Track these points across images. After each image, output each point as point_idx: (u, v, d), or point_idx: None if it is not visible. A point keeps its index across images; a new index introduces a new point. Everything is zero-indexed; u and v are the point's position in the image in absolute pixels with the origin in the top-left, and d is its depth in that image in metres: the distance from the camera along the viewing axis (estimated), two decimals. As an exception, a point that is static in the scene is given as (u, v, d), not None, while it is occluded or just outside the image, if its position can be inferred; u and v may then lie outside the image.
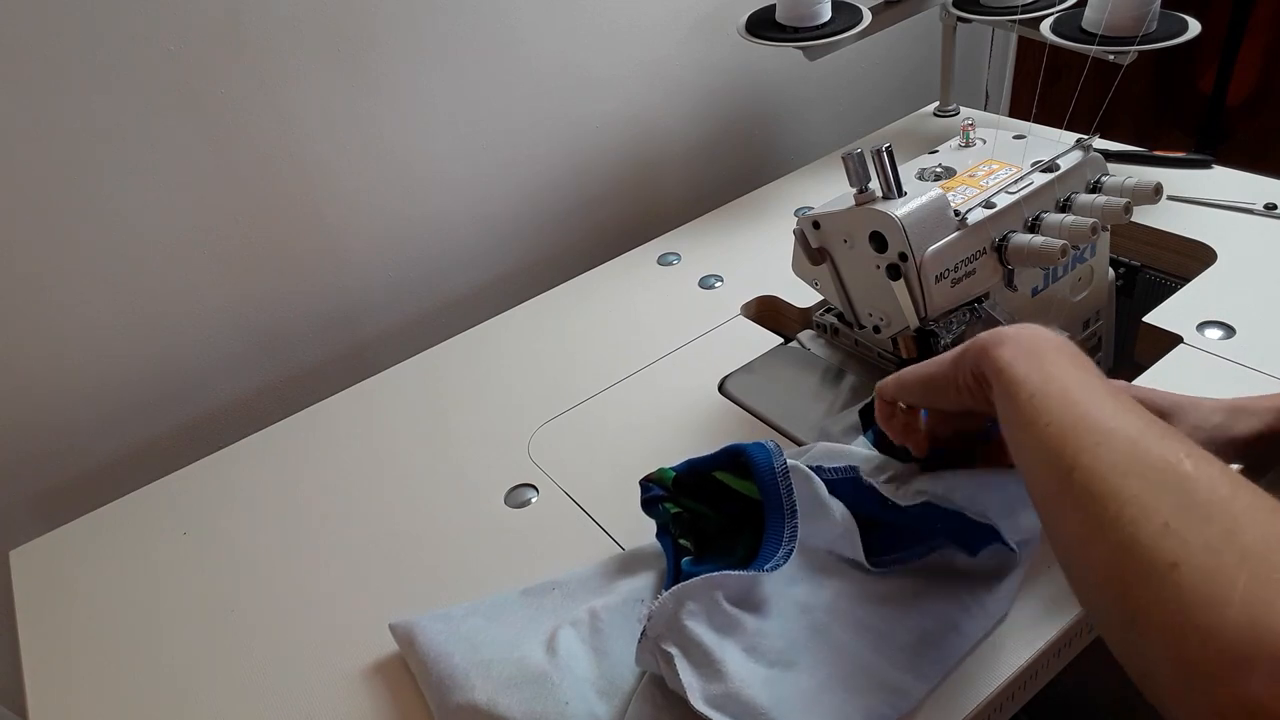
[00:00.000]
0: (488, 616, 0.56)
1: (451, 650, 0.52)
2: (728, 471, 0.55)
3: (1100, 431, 0.37)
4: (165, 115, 0.78)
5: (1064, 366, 0.42)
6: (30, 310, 0.79)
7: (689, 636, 0.47)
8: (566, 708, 0.47)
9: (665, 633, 0.48)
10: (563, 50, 0.99)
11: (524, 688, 0.49)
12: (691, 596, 0.48)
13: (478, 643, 0.53)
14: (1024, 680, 0.52)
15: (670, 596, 0.48)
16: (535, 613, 0.56)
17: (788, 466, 0.52)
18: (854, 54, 1.25)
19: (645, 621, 0.48)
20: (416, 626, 0.55)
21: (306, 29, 0.82)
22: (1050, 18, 0.93)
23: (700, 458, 0.56)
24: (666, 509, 0.56)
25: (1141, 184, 0.62)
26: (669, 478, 0.56)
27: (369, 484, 0.73)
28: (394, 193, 0.95)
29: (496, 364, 0.84)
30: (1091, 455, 0.36)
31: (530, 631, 0.54)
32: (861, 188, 0.61)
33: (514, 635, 0.53)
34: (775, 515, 0.51)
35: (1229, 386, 0.66)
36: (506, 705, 0.48)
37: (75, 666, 0.61)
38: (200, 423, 0.92)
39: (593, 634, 0.52)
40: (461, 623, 0.55)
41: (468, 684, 0.50)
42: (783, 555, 0.50)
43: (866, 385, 0.74)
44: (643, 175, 1.14)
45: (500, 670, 0.50)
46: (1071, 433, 0.38)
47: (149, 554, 0.69)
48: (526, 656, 0.51)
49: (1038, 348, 0.43)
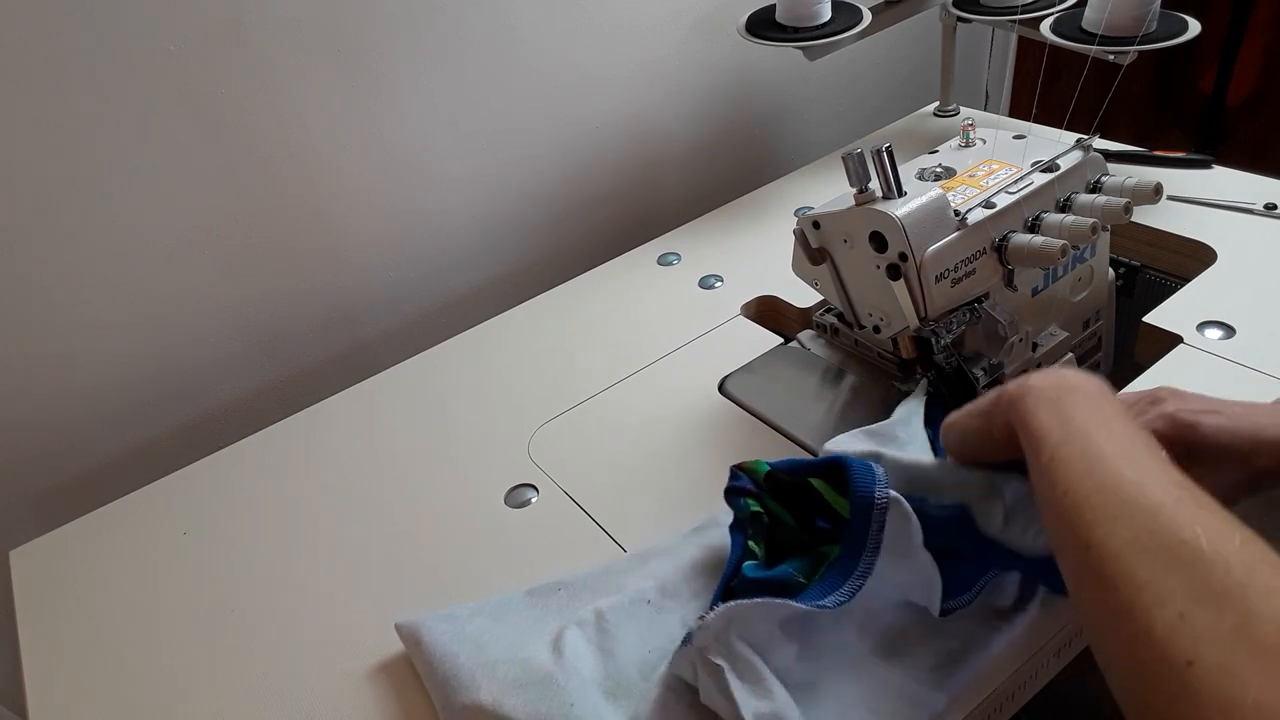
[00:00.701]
0: (493, 617, 0.55)
1: (457, 650, 0.52)
2: (825, 480, 0.52)
3: (1117, 502, 0.36)
4: (165, 115, 0.78)
5: (1089, 415, 0.41)
6: (30, 310, 0.79)
7: (736, 651, 0.46)
8: (571, 709, 0.47)
9: (712, 644, 0.46)
10: (563, 50, 0.99)
11: (529, 689, 0.48)
12: (743, 619, 0.47)
13: (483, 643, 0.53)
14: (1024, 680, 0.52)
15: (722, 615, 0.46)
16: (541, 613, 0.55)
17: (889, 498, 0.48)
18: (854, 54, 1.25)
19: (694, 630, 0.47)
20: (422, 626, 0.55)
21: (306, 29, 0.82)
22: (1050, 18, 0.93)
23: (801, 460, 0.54)
24: (748, 504, 0.54)
25: (1141, 184, 0.62)
26: (761, 471, 0.54)
27: (369, 484, 0.73)
28: (394, 192, 0.95)
29: (496, 364, 0.84)
30: (1107, 531, 0.35)
31: (536, 632, 0.53)
32: (861, 188, 0.61)
33: (519, 636, 0.53)
34: (856, 545, 0.48)
35: (1229, 387, 0.66)
36: (511, 706, 0.48)
37: (75, 666, 0.61)
38: (200, 423, 0.92)
39: (599, 634, 0.52)
40: (467, 623, 0.55)
41: (473, 684, 0.49)
42: (848, 591, 0.47)
43: (867, 385, 0.74)
44: (643, 175, 1.14)
45: (506, 671, 0.50)
46: (1088, 504, 0.37)
47: (149, 554, 0.69)
48: (532, 657, 0.50)
49: (1063, 395, 0.42)
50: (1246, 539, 0.34)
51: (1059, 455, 0.40)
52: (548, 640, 0.52)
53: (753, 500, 0.54)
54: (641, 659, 0.51)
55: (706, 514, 0.61)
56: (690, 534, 0.60)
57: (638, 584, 0.55)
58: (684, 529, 0.61)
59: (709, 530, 0.59)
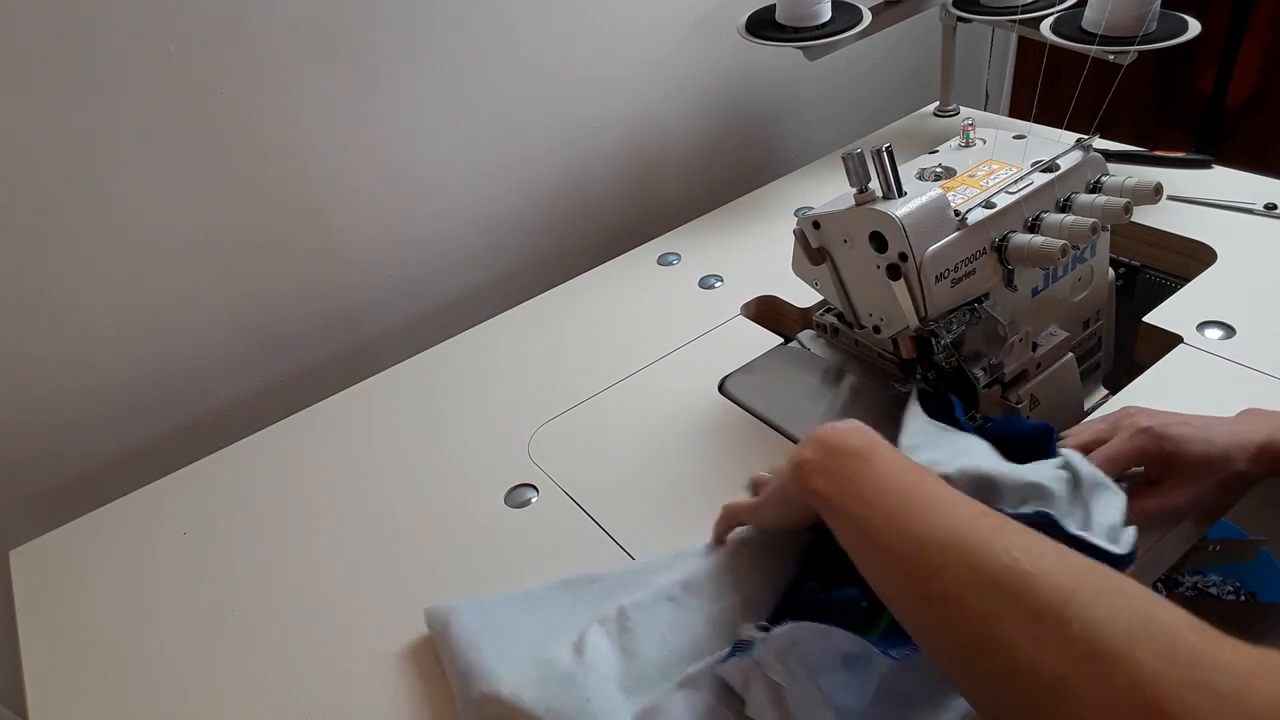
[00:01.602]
0: (524, 608, 0.56)
1: (482, 643, 0.53)
2: None
3: (937, 550, 0.38)
4: (165, 115, 0.78)
5: (872, 477, 0.42)
6: (30, 310, 0.79)
7: (795, 674, 0.46)
8: (588, 704, 0.48)
9: (772, 661, 0.46)
10: (563, 50, 0.99)
11: (548, 684, 0.49)
12: (808, 642, 0.46)
13: (510, 636, 0.54)
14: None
15: (788, 634, 0.45)
16: (572, 606, 0.56)
17: None
18: (854, 54, 1.25)
19: (755, 640, 0.46)
20: (453, 613, 0.56)
21: (306, 29, 0.82)
22: (1050, 18, 0.93)
23: None
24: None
25: (1141, 184, 0.62)
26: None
27: (369, 484, 0.73)
28: (394, 192, 0.95)
29: (496, 364, 0.84)
30: (940, 580, 0.37)
31: (564, 629, 0.54)
32: (861, 188, 0.61)
33: (546, 629, 0.54)
34: None
35: (1229, 387, 0.66)
36: (531, 700, 0.48)
37: (75, 666, 0.61)
38: (200, 423, 0.92)
39: (620, 633, 0.53)
40: (496, 613, 0.55)
41: (494, 676, 0.50)
42: (913, 647, 0.44)
43: (867, 385, 0.74)
44: (643, 175, 1.14)
45: (527, 666, 0.51)
46: (910, 561, 0.38)
47: (149, 554, 0.69)
48: (555, 656, 0.51)
49: (839, 464, 0.44)
50: (1061, 552, 0.35)
51: (864, 526, 0.41)
52: (572, 640, 0.52)
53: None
54: (663, 658, 0.51)
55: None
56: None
57: (664, 580, 0.55)
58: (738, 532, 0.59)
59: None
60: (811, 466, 0.45)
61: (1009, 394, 0.68)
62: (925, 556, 0.38)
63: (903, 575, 0.39)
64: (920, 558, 0.38)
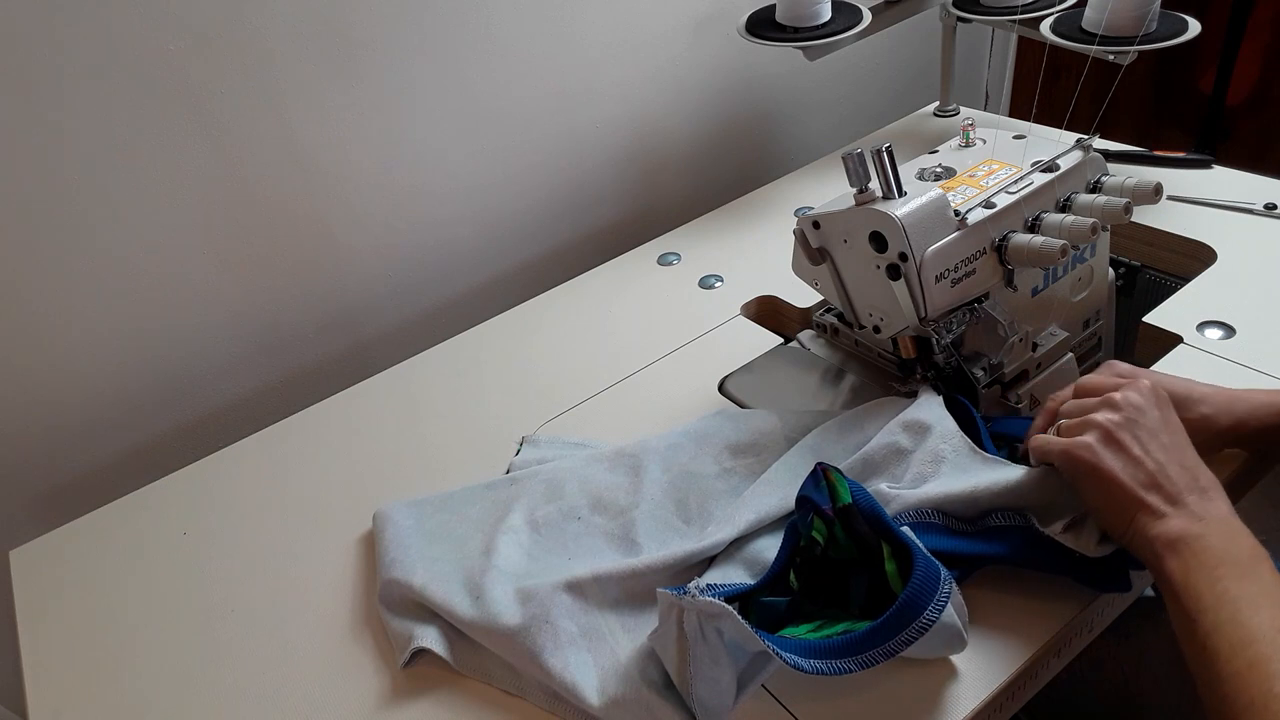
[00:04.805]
0: (453, 510, 0.65)
1: (410, 542, 0.62)
2: (891, 545, 0.50)
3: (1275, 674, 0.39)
4: (165, 116, 0.78)
5: (1241, 590, 0.42)
6: (31, 311, 0.79)
7: (709, 639, 0.47)
8: (478, 600, 0.56)
9: (695, 618, 0.47)
10: (563, 51, 0.99)
11: (450, 582, 0.58)
12: (734, 629, 0.46)
13: (436, 538, 0.63)
14: (1024, 680, 0.52)
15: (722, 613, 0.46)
16: (492, 505, 0.65)
17: (935, 622, 0.46)
18: (854, 54, 1.25)
19: (691, 590, 0.47)
20: (391, 517, 0.65)
21: (306, 29, 0.82)
22: (1050, 18, 0.93)
23: (883, 514, 0.51)
24: (813, 525, 0.52)
25: (1141, 184, 0.62)
26: (843, 500, 0.52)
27: (368, 484, 0.73)
28: (394, 192, 0.95)
29: (496, 364, 0.84)
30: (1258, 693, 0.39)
31: (479, 529, 0.63)
32: (861, 188, 0.61)
33: (465, 533, 0.63)
34: (877, 639, 0.46)
35: (1229, 386, 0.66)
36: (432, 592, 0.57)
37: (75, 666, 0.61)
38: (200, 423, 0.92)
39: (531, 542, 0.61)
40: (429, 519, 0.65)
41: (411, 569, 0.59)
42: (839, 668, 0.46)
43: (867, 385, 0.74)
44: (643, 175, 1.14)
45: (441, 566, 0.60)
46: (1249, 673, 0.40)
47: (149, 554, 0.69)
48: (466, 557, 0.60)
49: (1213, 566, 0.43)
50: None
51: (1216, 630, 0.42)
52: (483, 543, 0.61)
53: (819, 528, 0.52)
54: (561, 565, 0.58)
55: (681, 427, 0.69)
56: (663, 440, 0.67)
57: (575, 497, 0.64)
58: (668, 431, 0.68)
59: (682, 448, 0.66)
60: (1178, 540, 0.45)
61: (1009, 394, 0.68)
62: (1264, 671, 0.40)
63: (1238, 690, 0.40)
64: (1259, 671, 0.40)
